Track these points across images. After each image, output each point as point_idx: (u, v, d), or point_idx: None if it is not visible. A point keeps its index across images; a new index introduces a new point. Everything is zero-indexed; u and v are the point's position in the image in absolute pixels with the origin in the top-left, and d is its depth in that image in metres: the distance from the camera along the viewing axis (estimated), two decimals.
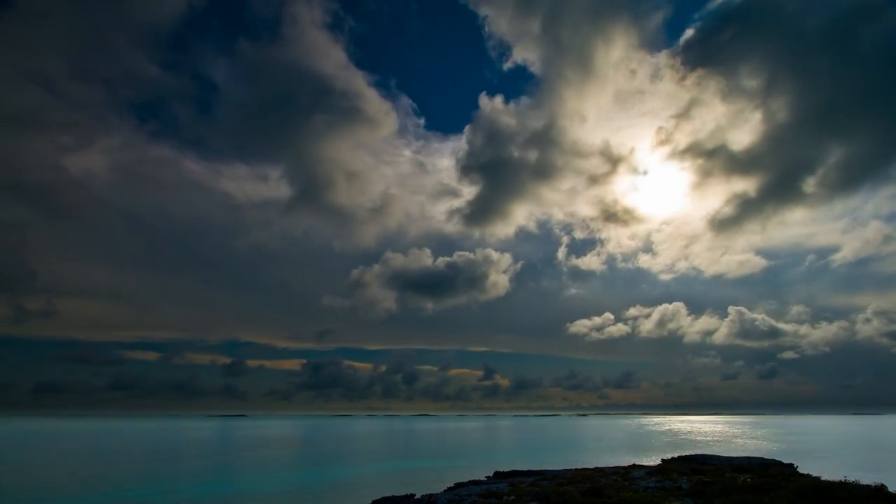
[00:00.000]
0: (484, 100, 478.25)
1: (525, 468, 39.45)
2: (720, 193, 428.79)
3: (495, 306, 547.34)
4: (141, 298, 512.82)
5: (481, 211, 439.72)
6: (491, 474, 37.24)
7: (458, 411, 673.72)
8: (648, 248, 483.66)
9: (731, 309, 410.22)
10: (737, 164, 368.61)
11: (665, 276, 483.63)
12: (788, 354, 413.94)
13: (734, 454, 42.90)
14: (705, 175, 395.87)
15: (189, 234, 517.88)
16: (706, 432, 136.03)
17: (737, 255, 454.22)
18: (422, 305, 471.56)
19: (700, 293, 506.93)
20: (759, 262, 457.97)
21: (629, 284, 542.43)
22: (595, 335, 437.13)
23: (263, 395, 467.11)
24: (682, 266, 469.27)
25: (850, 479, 21.10)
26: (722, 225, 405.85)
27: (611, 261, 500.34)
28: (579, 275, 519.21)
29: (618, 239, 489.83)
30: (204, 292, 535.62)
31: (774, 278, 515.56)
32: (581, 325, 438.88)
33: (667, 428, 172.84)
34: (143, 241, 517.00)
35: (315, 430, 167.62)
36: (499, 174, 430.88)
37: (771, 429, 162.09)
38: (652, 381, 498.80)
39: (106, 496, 35.45)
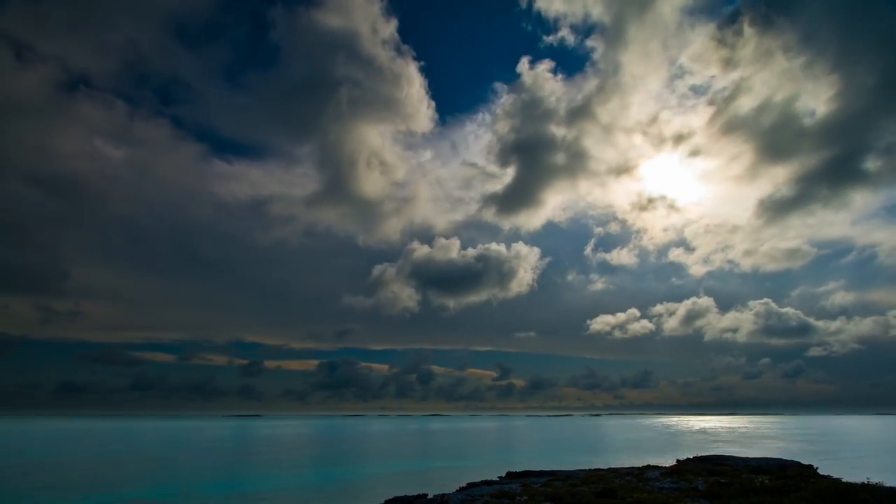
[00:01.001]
0: (525, 69, 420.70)
1: (537, 468, 39.23)
2: (771, 177, 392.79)
3: (517, 304, 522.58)
4: (158, 299, 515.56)
5: (512, 198, 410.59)
6: (503, 474, 37.12)
7: (470, 411, 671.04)
8: (684, 240, 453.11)
9: (761, 304, 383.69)
10: (793, 142, 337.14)
11: (700, 270, 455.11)
12: (816, 352, 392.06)
13: (752, 455, 42.15)
14: (757, 155, 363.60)
15: (211, 231, 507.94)
16: (723, 432, 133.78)
17: (781, 245, 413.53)
18: (442, 304, 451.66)
19: (733, 287, 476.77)
20: (802, 253, 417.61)
21: (660, 279, 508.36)
22: (617, 334, 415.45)
23: (278, 395, 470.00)
24: (719, 258, 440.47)
25: (874, 480, 20.54)
26: (768, 212, 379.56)
27: (643, 254, 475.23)
28: (608, 269, 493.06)
29: (653, 229, 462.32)
30: (221, 292, 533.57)
31: (818, 270, 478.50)
32: (603, 323, 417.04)
33: (683, 428, 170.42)
34: (162, 240, 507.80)
35: (329, 430, 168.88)
36: (533, 156, 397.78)
37: (791, 429, 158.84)
38: (671, 381, 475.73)
39: (126, 494, 36.12)
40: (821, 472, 30.54)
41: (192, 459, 64.10)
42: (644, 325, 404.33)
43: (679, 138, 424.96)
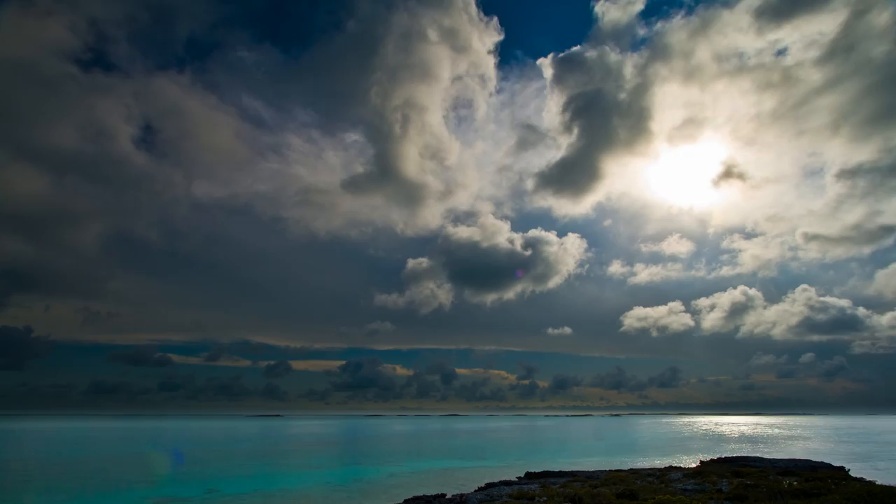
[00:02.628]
0: (601, 9, 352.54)
1: (557, 469, 38.88)
2: (883, 137, 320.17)
3: (555, 297, 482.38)
4: (184, 300, 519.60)
5: (568, 172, 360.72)
6: (522, 475, 36.91)
7: (489, 411, 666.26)
8: (744, 225, 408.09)
9: (807, 297, 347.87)
10: None
11: (757, 257, 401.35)
12: (862, 347, 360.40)
13: (779, 456, 41.03)
14: (874, 106, 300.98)
15: (242, 227, 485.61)
16: (750, 432, 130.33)
17: (865, 225, 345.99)
18: (476, 302, 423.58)
19: (788, 278, 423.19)
20: (882, 234, 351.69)
21: (712, 269, 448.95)
22: (653, 331, 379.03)
23: (300, 395, 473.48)
24: (780, 243, 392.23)
25: None
26: (858, 186, 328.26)
27: (701, 241, 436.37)
28: (659, 258, 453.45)
29: (713, 212, 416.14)
30: (247, 293, 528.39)
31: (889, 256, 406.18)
32: (638, 319, 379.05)
33: (708, 428, 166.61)
34: (193, 238, 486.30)
35: (349, 430, 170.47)
36: (597, 119, 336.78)
37: (823, 430, 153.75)
38: (701, 379, 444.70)
39: (156, 491, 37.10)
40: (853, 474, 29.56)
41: (218, 458, 65.49)
42: (682, 321, 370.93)
43: (772, 85, 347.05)
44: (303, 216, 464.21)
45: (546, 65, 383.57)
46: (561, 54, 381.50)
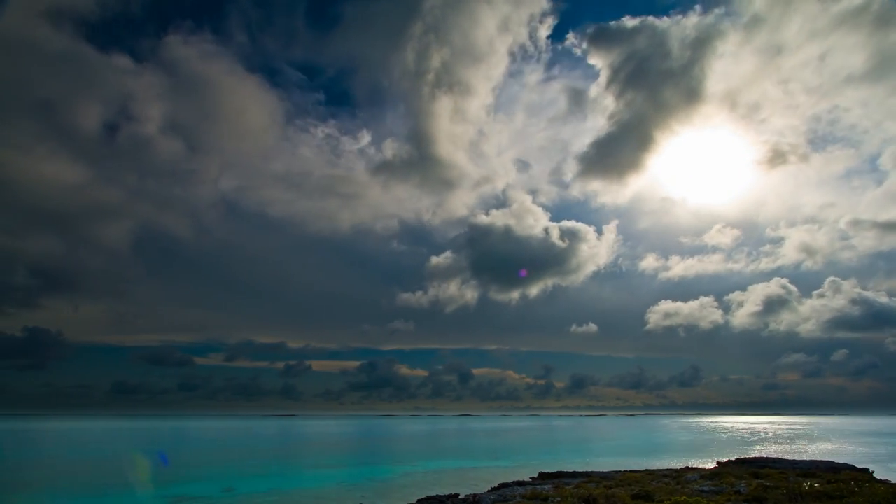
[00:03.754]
0: None
1: (571, 469, 38.59)
2: None
3: (582, 292, 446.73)
4: (197, 302, 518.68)
5: (608, 155, 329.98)
6: (536, 475, 36.71)
7: (502, 411, 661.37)
8: (793, 210, 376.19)
9: (841, 290, 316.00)
10: None
11: (802, 247, 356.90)
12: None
13: (800, 457, 40.16)
14: None
15: (257, 224, 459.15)
16: (770, 433, 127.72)
17: None
18: (500, 300, 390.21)
19: (831, 270, 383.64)
20: None
21: (752, 262, 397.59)
22: (680, 332, 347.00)
23: (315, 395, 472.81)
24: (828, 231, 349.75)
25: None
26: None
27: (747, 228, 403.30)
28: (699, 250, 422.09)
29: (763, 199, 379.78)
30: (264, 294, 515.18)
31: None
32: (663, 316, 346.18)
33: (726, 428, 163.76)
34: (209, 234, 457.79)
35: (363, 430, 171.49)
36: (645, 90, 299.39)
37: (847, 430, 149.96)
38: (723, 377, 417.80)
39: (169, 489, 37.76)
40: (877, 476, 28.84)
41: (235, 457, 66.50)
42: (712, 317, 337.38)
43: (857, 35, 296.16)
44: (325, 208, 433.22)
45: (592, 34, 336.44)
46: (609, 23, 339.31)
